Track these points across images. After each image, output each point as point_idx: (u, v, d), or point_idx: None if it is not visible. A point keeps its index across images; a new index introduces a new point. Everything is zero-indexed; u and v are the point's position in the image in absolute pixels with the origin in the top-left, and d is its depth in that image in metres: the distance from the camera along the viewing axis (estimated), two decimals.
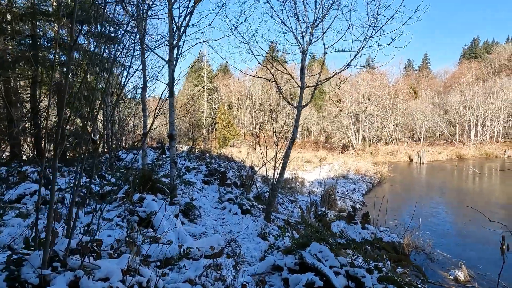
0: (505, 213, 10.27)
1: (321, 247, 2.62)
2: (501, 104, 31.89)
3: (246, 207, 5.66)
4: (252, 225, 4.74)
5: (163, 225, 3.05)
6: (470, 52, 66.17)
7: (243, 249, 3.56)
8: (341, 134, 35.46)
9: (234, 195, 6.35)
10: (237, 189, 8.66)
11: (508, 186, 15.25)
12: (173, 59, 4.54)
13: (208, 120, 17.10)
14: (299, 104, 5.35)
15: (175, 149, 4.73)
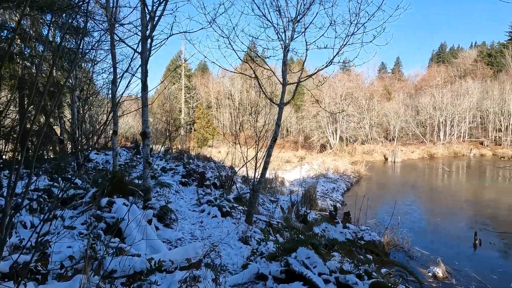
0: (472, 209, 10.75)
1: (309, 252, 2.43)
2: (467, 106, 33.86)
3: (226, 209, 5.40)
4: (233, 229, 4.49)
5: (133, 233, 2.72)
6: (438, 57, 69.80)
7: (223, 256, 3.31)
8: (319, 134, 36.00)
9: (213, 197, 6.06)
10: (217, 190, 8.35)
11: (473, 183, 16.10)
12: (146, 50, 4.19)
13: (186, 119, 16.54)
14: (281, 102, 5.17)
15: (149, 148, 4.37)
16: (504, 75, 39.86)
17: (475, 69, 47.80)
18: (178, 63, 17.52)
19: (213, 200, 5.79)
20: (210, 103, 50.67)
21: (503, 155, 26.97)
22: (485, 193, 13.32)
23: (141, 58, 4.21)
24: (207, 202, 5.70)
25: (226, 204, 5.64)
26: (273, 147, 5.12)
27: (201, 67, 72.03)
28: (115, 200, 3.76)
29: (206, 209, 5.37)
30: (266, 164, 5.08)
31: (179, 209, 5.33)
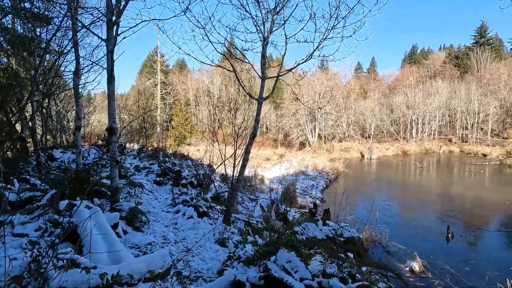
0: (443, 203, 11.18)
1: (289, 255, 2.25)
2: (437, 104, 35.55)
3: (202, 209, 5.13)
4: (210, 230, 4.24)
5: (93, 240, 2.41)
6: (410, 58, 72.83)
7: (198, 261, 3.06)
8: (298, 131, 36.32)
9: (189, 196, 5.75)
10: (194, 189, 8.03)
11: (443, 178, 16.87)
12: (112, 38, 3.81)
13: (162, 116, 15.90)
14: (259, 97, 4.96)
15: (116, 145, 4.00)
16: (470, 76, 42.32)
17: (444, 70, 50.34)
18: (155, 59, 16.75)
19: (189, 200, 5.49)
20: (189, 100, 49.63)
21: (469, 152, 28.58)
22: (454, 188, 13.96)
23: (107, 47, 3.82)
24: (183, 202, 5.39)
25: (203, 204, 5.37)
26: (252, 143, 4.92)
27: (179, 64, 70.29)
28: (76, 203, 3.38)
29: (182, 209, 5.07)
30: (245, 161, 4.86)
31: (152, 211, 4.99)
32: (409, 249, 6.63)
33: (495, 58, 49.32)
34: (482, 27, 56.56)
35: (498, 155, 25.41)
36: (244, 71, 5.22)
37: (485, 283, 5.24)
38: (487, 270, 5.68)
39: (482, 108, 33.97)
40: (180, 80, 47.54)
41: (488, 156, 25.55)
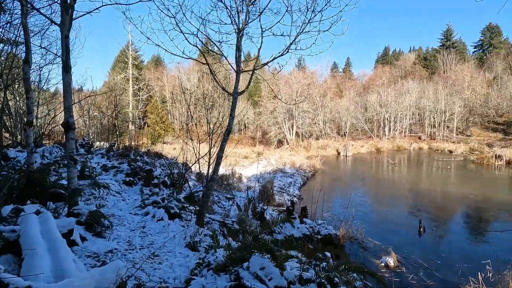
0: (415, 198, 11.57)
1: (263, 261, 2.05)
2: (408, 103, 37.14)
3: (174, 210, 4.81)
4: (181, 233, 3.95)
5: (37, 252, 2.06)
6: (383, 59, 75.65)
7: (165, 268, 2.78)
8: (276, 129, 36.49)
9: (160, 197, 5.41)
10: (167, 189, 7.65)
11: (414, 174, 17.60)
12: (66, 21, 3.38)
13: (134, 113, 15.15)
14: (234, 91, 4.73)
15: (73, 142, 3.58)
16: (437, 77, 44.67)
17: (414, 70, 52.78)
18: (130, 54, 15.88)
19: (159, 200, 5.15)
20: (165, 97, 48.25)
21: (437, 148, 30.14)
22: (424, 183, 14.56)
23: (61, 32, 3.39)
24: (153, 203, 5.04)
25: (175, 205, 5.05)
26: (226, 140, 4.67)
27: (154, 60, 68.06)
28: (24, 208, 2.97)
29: (151, 211, 4.72)
30: (219, 158, 4.61)
31: (118, 213, 4.60)
32: (384, 244, 6.71)
33: (459, 60, 52.51)
34: (448, 31, 59.96)
35: (462, 151, 26.99)
36: (217, 62, 4.95)
37: (455, 275, 5.39)
38: (456, 263, 5.86)
39: (448, 107, 35.95)
40: (155, 76, 46.02)
41: (454, 152, 27.07)
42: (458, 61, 51.19)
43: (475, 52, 61.23)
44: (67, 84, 3.44)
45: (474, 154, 23.80)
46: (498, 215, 9.24)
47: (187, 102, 8.98)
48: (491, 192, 12.36)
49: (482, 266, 5.63)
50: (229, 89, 5.10)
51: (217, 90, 8.14)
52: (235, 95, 4.71)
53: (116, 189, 5.97)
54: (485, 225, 8.57)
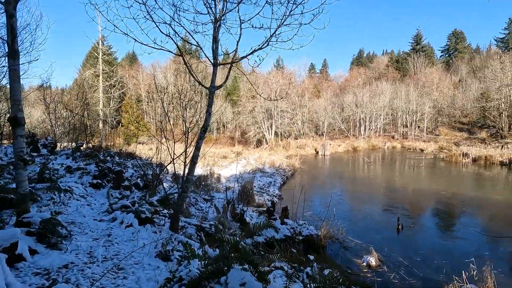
0: (392, 196, 11.80)
1: (244, 275, 1.77)
2: (382, 104, 38.42)
3: (146, 215, 4.40)
4: (152, 240, 3.57)
5: None
6: (358, 61, 78.06)
7: (130, 284, 2.41)
8: (255, 129, 36.31)
9: (131, 201, 4.95)
10: (140, 191, 7.15)
11: (390, 172, 18.11)
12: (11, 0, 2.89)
13: (105, 111, 14.17)
14: (211, 85, 4.40)
15: (22, 140, 3.08)
16: (408, 79, 46.67)
17: (387, 72, 54.76)
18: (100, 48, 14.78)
19: (129, 204, 4.70)
20: (140, 96, 46.52)
21: (409, 147, 31.39)
22: (400, 181, 14.96)
23: (6, 12, 2.90)
24: (122, 208, 4.59)
25: (147, 209, 4.63)
26: (203, 138, 4.34)
27: (129, 58, 65.52)
28: None
29: (119, 216, 4.28)
30: (195, 158, 4.27)
31: (81, 220, 4.11)
32: (364, 243, 6.67)
33: (428, 63, 55.30)
34: (418, 35, 62.91)
35: (432, 150, 28.28)
36: (193, 56, 4.61)
37: (436, 273, 5.43)
38: (435, 260, 5.91)
39: (419, 108, 37.61)
40: (130, 74, 44.27)
41: (425, 151, 28.30)
42: (427, 64, 53.85)
43: (442, 56, 64.78)
44: (13, 72, 2.94)
45: (444, 153, 24.99)
46: (467, 210, 9.61)
47: (161, 99, 8.41)
48: (461, 188, 12.91)
49: (460, 263, 5.71)
50: (206, 83, 4.77)
51: (194, 87, 7.71)
52: (212, 90, 4.38)
53: (80, 193, 5.42)
54: (457, 221, 8.85)
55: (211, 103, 4.40)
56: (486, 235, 7.40)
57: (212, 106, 4.42)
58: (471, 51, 61.29)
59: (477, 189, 12.48)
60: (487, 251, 6.34)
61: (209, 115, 4.37)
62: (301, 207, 8.67)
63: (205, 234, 4.92)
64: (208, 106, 4.39)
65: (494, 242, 6.89)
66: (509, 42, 52.17)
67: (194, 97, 7.10)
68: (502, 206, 10.12)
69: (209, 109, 4.39)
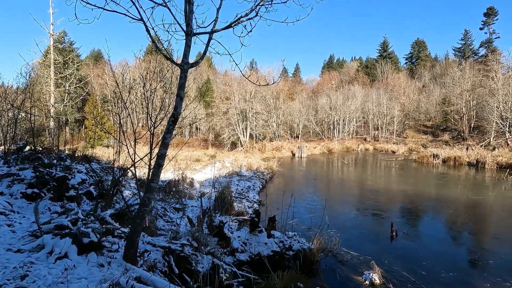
0: (375, 198, 11.29)
1: None
2: (354, 107, 39.12)
3: (90, 238, 3.15)
4: (94, 280, 2.38)
5: None
6: (329, 66, 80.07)
7: None
8: (230, 131, 35.13)
9: (72, 218, 3.66)
10: (92, 202, 5.77)
11: (368, 174, 17.92)
12: None
13: (59, 108, 12.19)
14: (184, 61, 3.30)
15: None
16: (378, 83, 48.30)
17: (358, 77, 56.43)
18: (50, 32, 12.67)
19: (69, 224, 3.42)
20: (106, 97, 43.38)
21: (381, 149, 32.06)
22: (380, 183, 14.66)
23: None
24: (56, 229, 3.30)
25: (94, 229, 3.39)
26: (172, 131, 3.22)
27: (94, 55, 61.29)
28: None
29: (49, 243, 2.99)
30: (161, 158, 3.13)
31: None
32: (361, 255, 5.87)
33: (394, 69, 57.96)
34: (385, 43, 65.88)
35: (403, 151, 29.05)
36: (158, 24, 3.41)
37: (442, 285, 4.76)
38: (441, 272, 5.25)
39: (389, 111, 38.81)
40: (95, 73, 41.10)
41: (396, 152, 28.97)
42: (393, 70, 56.37)
43: (406, 63, 68.31)
44: None
45: (414, 154, 25.64)
46: (456, 213, 9.26)
47: (120, 90, 7.13)
48: (442, 190, 12.82)
49: (467, 275, 5.13)
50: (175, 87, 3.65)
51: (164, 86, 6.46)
52: (184, 67, 3.28)
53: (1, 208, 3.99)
54: (449, 224, 8.42)
55: (183, 85, 3.30)
56: (483, 239, 6.99)
57: (184, 89, 3.32)
58: (432, 59, 65.38)
59: (458, 191, 12.42)
60: (489, 258, 5.83)
61: (180, 100, 3.26)
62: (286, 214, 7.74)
63: (175, 259, 3.77)
64: (179, 88, 3.28)
65: (492, 246, 6.43)
66: (465, 52, 56.15)
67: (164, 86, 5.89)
68: (487, 207, 9.97)
69: (181, 92, 3.28)
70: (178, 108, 3.25)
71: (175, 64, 3.31)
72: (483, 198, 11.03)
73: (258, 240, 5.54)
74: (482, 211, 9.54)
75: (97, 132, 32.50)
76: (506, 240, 6.84)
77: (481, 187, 13.38)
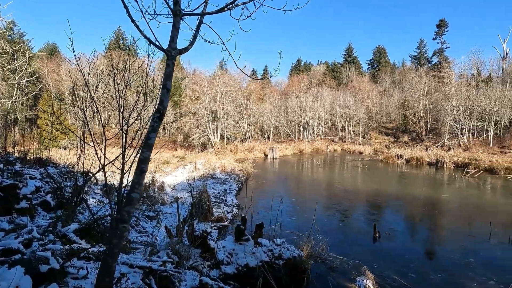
0: (351, 198, 11.41)
1: None
2: (323, 109, 40.16)
3: (50, 265, 2.48)
4: None
5: None
6: (296, 69, 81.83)
7: None
8: (200, 132, 34.07)
9: (25, 237, 2.92)
10: (50, 213, 4.90)
11: (340, 174, 18.30)
12: None
13: (7, 105, 10.56)
14: (171, 45, 2.77)
15: None
16: (344, 87, 50.24)
17: (325, 80, 58.26)
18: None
19: (20, 246, 2.70)
20: (63, 94, 39.77)
21: (349, 150, 33.21)
22: (354, 183, 14.95)
23: None
24: (2, 255, 2.57)
25: (55, 251, 2.71)
26: (157, 129, 2.68)
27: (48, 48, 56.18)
28: None
29: None
30: (143, 162, 2.57)
31: None
32: (350, 260, 5.70)
33: (358, 74, 60.80)
34: (349, 48, 68.94)
35: (369, 152, 30.34)
36: None
37: None
38: (430, 273, 5.23)
39: (355, 113, 40.44)
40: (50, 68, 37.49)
41: (363, 153, 30.16)
42: (357, 75, 59.12)
43: (369, 68, 72.09)
44: None
45: (379, 154, 26.86)
46: (432, 212, 9.61)
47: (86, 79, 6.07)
48: (412, 189, 13.35)
49: (451, 273, 5.17)
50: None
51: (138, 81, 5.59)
52: (172, 53, 2.75)
53: None
54: (427, 222, 8.65)
55: (170, 74, 2.76)
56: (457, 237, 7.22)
57: (171, 79, 2.79)
58: (391, 66, 69.81)
59: (426, 189, 13.01)
60: (468, 256, 5.98)
61: (167, 92, 2.72)
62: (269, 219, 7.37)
63: (157, 281, 3.20)
64: (166, 78, 2.75)
65: (467, 243, 6.63)
66: (420, 59, 60.67)
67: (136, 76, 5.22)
68: (455, 205, 10.49)
69: (167, 83, 2.75)
70: (164, 102, 2.72)
71: (161, 50, 2.77)
72: (449, 196, 11.65)
73: (245, 249, 5.09)
74: (452, 208, 10.01)
75: (52, 132, 29.66)
76: (480, 237, 7.12)
77: (446, 185, 14.21)
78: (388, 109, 46.71)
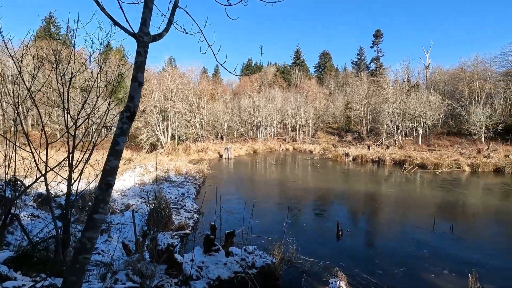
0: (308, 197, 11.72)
1: None
2: (275, 109, 41.05)
3: None
4: None
5: None
6: (247, 69, 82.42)
7: None
8: (148, 132, 31.87)
9: None
10: None
11: (295, 173, 18.77)
12: None
13: None
14: (143, 31, 2.28)
15: None
16: (294, 88, 52.15)
17: (276, 81, 59.72)
18: None
19: None
20: None
21: (300, 149, 34.49)
22: (309, 181, 15.42)
23: None
24: None
25: None
26: (127, 132, 2.18)
27: None
28: None
29: None
30: (109, 174, 2.06)
31: None
32: (320, 261, 5.69)
33: (306, 76, 63.79)
34: (298, 51, 71.93)
35: (319, 151, 31.92)
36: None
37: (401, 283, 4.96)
38: (394, 270, 5.49)
39: (304, 114, 42.23)
40: None
41: (313, 152, 31.59)
42: (305, 77, 62.00)
43: (315, 71, 76.16)
44: None
45: (328, 153, 28.43)
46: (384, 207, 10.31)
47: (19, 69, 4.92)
48: (362, 185, 14.26)
49: (410, 267, 5.48)
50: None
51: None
52: (144, 38, 2.26)
53: None
54: (378, 217, 9.23)
55: (142, 64, 2.27)
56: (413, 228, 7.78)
57: (144, 71, 2.29)
58: (335, 70, 74.88)
59: (372, 186, 14.02)
60: (424, 247, 6.47)
61: (139, 86, 2.23)
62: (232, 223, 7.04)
63: None
64: (137, 69, 2.25)
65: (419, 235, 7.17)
66: (360, 65, 66.18)
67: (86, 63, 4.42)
68: (400, 199, 11.46)
69: (139, 75, 2.25)
70: (135, 99, 2.22)
71: (130, 35, 2.26)
72: (394, 191, 12.74)
73: (216, 261, 4.69)
74: (398, 202, 10.91)
75: None
76: (426, 227, 7.81)
77: (390, 181, 15.55)
78: (333, 110, 49.84)
